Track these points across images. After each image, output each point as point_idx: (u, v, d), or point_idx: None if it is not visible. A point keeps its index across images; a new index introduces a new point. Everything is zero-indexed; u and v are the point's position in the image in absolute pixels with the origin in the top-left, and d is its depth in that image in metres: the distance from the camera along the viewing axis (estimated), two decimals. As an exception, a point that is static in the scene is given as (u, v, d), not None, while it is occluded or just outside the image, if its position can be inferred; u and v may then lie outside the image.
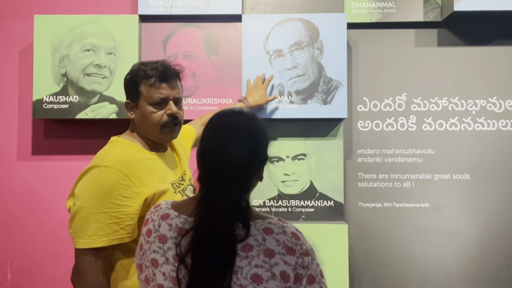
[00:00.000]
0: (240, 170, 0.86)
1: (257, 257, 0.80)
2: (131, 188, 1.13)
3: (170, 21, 2.03)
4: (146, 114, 1.26)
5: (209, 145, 0.89)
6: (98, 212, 1.10)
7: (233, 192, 0.84)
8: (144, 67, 1.26)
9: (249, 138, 0.88)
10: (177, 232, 0.88)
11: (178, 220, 0.90)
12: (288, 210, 2.01)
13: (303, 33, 1.95)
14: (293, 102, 1.94)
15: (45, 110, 1.95)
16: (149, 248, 0.90)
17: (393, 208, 2.05)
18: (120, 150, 1.23)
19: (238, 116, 0.92)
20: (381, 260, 2.04)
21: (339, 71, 1.94)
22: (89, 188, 1.12)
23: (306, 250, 0.83)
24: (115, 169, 1.13)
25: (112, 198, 1.10)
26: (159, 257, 0.88)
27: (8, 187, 2.09)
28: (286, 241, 0.82)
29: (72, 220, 1.13)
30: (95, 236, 1.09)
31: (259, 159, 0.91)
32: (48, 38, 1.96)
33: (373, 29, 2.09)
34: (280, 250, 0.80)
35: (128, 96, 1.31)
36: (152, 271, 0.88)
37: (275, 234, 0.82)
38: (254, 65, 1.94)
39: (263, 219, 0.86)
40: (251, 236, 0.82)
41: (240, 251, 0.81)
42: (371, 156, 2.08)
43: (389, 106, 2.08)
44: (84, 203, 1.11)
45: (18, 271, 2.08)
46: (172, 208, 0.94)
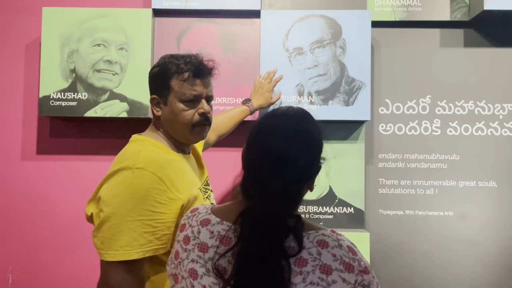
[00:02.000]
0: (293, 181, 0.76)
1: (313, 273, 0.71)
2: (165, 193, 1.02)
3: (184, 16, 1.94)
4: (177, 112, 1.14)
5: (259, 149, 0.79)
6: (132, 220, 0.97)
7: (281, 208, 0.74)
8: (177, 61, 1.15)
9: (305, 144, 0.78)
10: (219, 240, 0.78)
11: (221, 227, 0.80)
12: (306, 216, 1.91)
13: (325, 31, 1.85)
14: (313, 103, 1.84)
15: (52, 107, 1.85)
16: (187, 256, 0.81)
17: (415, 216, 1.95)
18: (151, 151, 1.11)
19: (294, 118, 0.82)
20: (402, 270, 1.93)
21: (362, 71, 1.84)
22: (120, 193, 0.99)
23: (365, 267, 0.75)
24: (150, 172, 1.01)
25: (147, 205, 0.98)
26: (199, 267, 0.78)
27: (11, 188, 1.99)
28: (344, 256, 0.73)
29: (99, 229, 0.99)
30: (129, 247, 0.96)
31: (314, 168, 0.81)
32: (56, 32, 1.86)
33: (396, 27, 2.00)
34: (338, 266, 0.72)
35: (155, 91, 1.19)
36: (190, 282, 0.78)
37: (331, 248, 0.74)
38: (272, 63, 1.84)
39: (316, 230, 0.77)
40: (305, 249, 0.73)
41: (293, 265, 0.71)
42: (392, 161, 1.98)
43: (413, 109, 1.99)
44: (115, 210, 0.98)
45: (19, 275, 1.98)
46: (212, 213, 0.84)
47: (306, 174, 0.79)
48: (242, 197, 0.80)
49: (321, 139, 0.83)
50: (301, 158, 0.77)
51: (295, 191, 0.78)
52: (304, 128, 0.80)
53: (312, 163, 0.80)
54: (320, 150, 0.83)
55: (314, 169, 0.81)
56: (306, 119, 0.83)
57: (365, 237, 1.82)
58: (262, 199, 0.75)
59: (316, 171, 0.82)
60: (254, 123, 0.85)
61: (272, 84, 1.78)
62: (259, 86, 1.78)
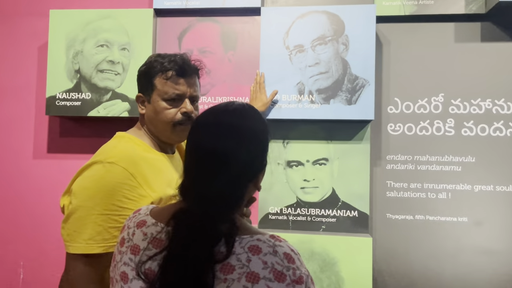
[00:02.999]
0: (228, 181, 0.71)
1: (238, 281, 0.65)
2: (136, 190, 1.00)
3: (186, 15, 1.93)
4: (158, 110, 1.13)
5: (193, 147, 0.76)
6: (98, 214, 0.96)
7: (215, 210, 0.70)
8: (161, 59, 1.15)
9: (240, 141, 0.73)
10: (151, 243, 0.74)
11: (154, 229, 0.76)
12: (307, 219, 1.85)
13: (327, 27, 1.79)
14: (314, 101, 1.78)
15: (58, 107, 1.90)
16: (121, 259, 0.77)
17: (426, 222, 1.84)
18: (127, 147, 1.10)
19: (232, 114, 0.76)
20: (410, 279, 1.82)
21: (366, 68, 1.76)
22: (89, 186, 0.98)
23: (300, 277, 0.67)
24: (121, 167, 1.00)
25: (114, 199, 0.97)
26: (130, 270, 0.74)
27: (23, 185, 2.06)
28: (276, 264, 0.67)
29: (66, 221, 0.99)
30: (92, 241, 0.95)
31: (254, 167, 0.76)
32: (63, 34, 1.91)
33: (407, 22, 1.90)
34: (267, 275, 0.66)
35: (141, 89, 1.19)
36: (121, 286, 0.75)
37: (263, 255, 0.67)
38: (272, 61, 1.80)
39: (251, 235, 0.71)
40: (234, 255, 0.67)
41: (218, 272, 0.66)
42: (402, 163, 1.87)
43: (424, 107, 1.88)
44: (82, 202, 0.97)
45: (30, 270, 2.04)
46: (150, 215, 0.80)
47: (243, 174, 0.74)
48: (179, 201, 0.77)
49: (264, 136, 0.78)
50: (237, 156, 0.72)
51: (231, 192, 0.72)
52: (241, 124, 0.75)
53: (251, 161, 0.75)
54: (262, 148, 0.77)
55: (254, 168, 0.76)
56: (246, 115, 0.77)
57: (368, 242, 1.73)
58: (195, 200, 0.71)
59: (258, 170, 0.77)
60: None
61: (262, 86, 1.76)
62: (253, 91, 1.78)
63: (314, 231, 1.83)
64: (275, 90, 1.76)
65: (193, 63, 1.17)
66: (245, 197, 0.77)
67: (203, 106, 1.88)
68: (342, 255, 1.74)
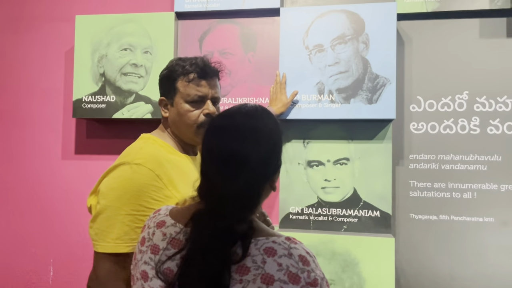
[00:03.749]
0: (244, 183, 0.72)
1: (253, 282, 0.67)
2: (162, 191, 1.03)
3: (206, 18, 1.96)
4: (182, 113, 1.16)
5: (208, 150, 0.77)
6: (125, 214, 0.99)
7: (232, 212, 0.71)
8: (183, 62, 1.17)
9: (255, 143, 0.74)
10: (170, 243, 0.77)
11: (173, 230, 0.79)
12: (328, 219, 1.84)
13: (346, 26, 1.78)
14: (334, 101, 1.77)
15: (84, 109, 1.96)
16: (141, 258, 0.80)
17: (450, 222, 1.81)
18: (152, 148, 1.13)
19: (245, 116, 0.78)
20: (434, 280, 1.79)
21: (387, 66, 1.74)
22: (117, 186, 1.01)
23: (314, 279, 0.68)
24: (147, 168, 1.02)
25: (141, 200, 1.00)
26: (150, 269, 0.77)
27: (52, 186, 2.14)
28: (291, 266, 0.68)
29: (94, 220, 1.03)
30: (119, 240, 0.98)
31: (269, 168, 0.77)
32: (88, 38, 1.97)
33: (429, 19, 1.86)
34: (282, 277, 0.67)
35: (163, 92, 1.22)
36: (142, 284, 0.78)
37: (278, 257, 0.68)
38: (292, 62, 1.80)
39: (267, 237, 0.72)
40: (249, 257, 0.69)
41: (234, 273, 0.68)
42: (425, 162, 1.84)
43: (448, 106, 1.84)
44: (110, 202, 1.00)
45: (60, 268, 2.12)
46: (169, 215, 0.83)
47: (260, 175, 0.75)
48: (198, 203, 0.78)
49: (277, 137, 0.79)
50: (252, 157, 0.73)
51: (248, 193, 0.74)
52: (255, 126, 0.76)
53: (266, 162, 0.76)
54: (276, 148, 0.78)
55: (269, 169, 0.77)
56: (259, 116, 0.78)
57: (390, 243, 1.71)
58: (212, 202, 0.73)
59: (273, 171, 0.79)
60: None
61: (283, 87, 1.77)
62: (273, 92, 1.78)
63: (335, 231, 1.83)
64: (295, 90, 1.76)
65: (213, 65, 1.19)
66: (262, 198, 0.78)
67: (223, 107, 1.90)
68: (364, 255, 1.73)
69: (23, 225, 2.15)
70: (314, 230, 1.85)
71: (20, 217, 2.16)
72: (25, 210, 2.15)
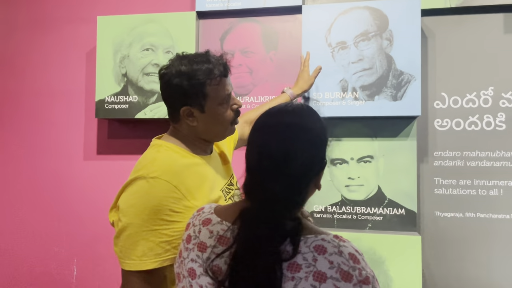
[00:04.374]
0: (292, 180, 0.73)
1: (305, 280, 0.67)
2: (181, 202, 1.00)
3: (227, 17, 1.96)
4: (219, 115, 1.12)
5: (256, 149, 0.77)
6: (148, 230, 0.97)
7: (280, 209, 0.71)
8: (202, 66, 1.08)
9: (304, 141, 0.74)
10: (218, 241, 0.77)
11: (220, 227, 0.79)
12: (353, 217, 1.83)
13: (370, 22, 1.76)
14: (358, 98, 1.76)
15: (107, 110, 1.97)
16: (188, 256, 0.81)
17: (476, 219, 1.79)
18: (167, 157, 1.08)
19: (292, 114, 0.78)
20: (460, 278, 1.77)
21: (411, 63, 1.72)
22: (135, 203, 0.99)
23: (366, 277, 0.68)
24: (164, 181, 1.00)
25: (161, 214, 0.97)
26: (197, 267, 0.78)
27: (75, 186, 2.16)
28: (342, 264, 0.68)
29: (118, 238, 1.01)
30: (145, 257, 0.97)
31: (316, 166, 0.77)
32: (110, 39, 1.98)
33: (452, 15, 1.84)
34: (334, 275, 0.67)
35: (186, 101, 1.09)
36: (189, 282, 0.78)
37: (329, 254, 0.68)
38: (315, 59, 1.79)
39: (316, 235, 0.72)
40: (300, 254, 0.69)
41: (285, 270, 0.68)
42: (450, 159, 1.82)
43: (473, 102, 1.82)
44: (130, 220, 0.98)
45: (83, 267, 2.13)
46: (214, 213, 0.84)
47: (306, 173, 0.75)
48: (244, 199, 0.78)
49: (323, 135, 0.78)
50: (299, 156, 0.73)
51: (295, 191, 0.74)
52: (302, 124, 0.76)
53: (313, 160, 0.75)
54: (322, 147, 0.78)
55: (315, 167, 0.77)
56: (305, 114, 0.78)
57: (417, 241, 1.70)
58: (260, 200, 0.73)
59: (319, 169, 0.78)
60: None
61: (306, 64, 1.71)
62: (299, 76, 1.71)
63: (360, 230, 1.82)
64: (319, 66, 1.71)
65: (226, 60, 1.14)
66: (307, 196, 0.78)
67: (246, 106, 1.90)
68: (390, 253, 1.71)
69: (46, 225, 2.17)
70: (338, 228, 1.84)
71: (44, 217, 2.18)
72: (48, 210, 2.17)
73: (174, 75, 1.09)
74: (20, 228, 2.20)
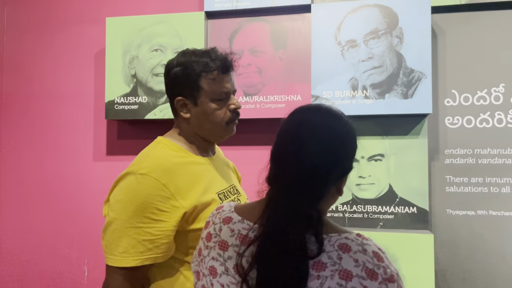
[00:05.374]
0: (316, 177, 0.73)
1: (331, 278, 0.67)
2: (169, 201, 0.98)
3: (236, 16, 1.95)
4: (209, 112, 1.10)
5: (285, 144, 0.77)
6: (131, 227, 0.95)
7: (304, 199, 0.71)
8: (201, 58, 1.09)
9: (332, 142, 0.75)
10: (239, 240, 0.77)
11: (241, 226, 0.79)
12: (364, 216, 1.83)
13: (379, 20, 1.76)
14: (369, 97, 1.76)
15: (116, 111, 1.97)
16: (208, 254, 0.81)
17: (488, 217, 1.78)
18: (160, 154, 1.07)
19: (324, 115, 0.78)
20: (473, 276, 1.77)
21: (422, 60, 1.72)
22: (122, 198, 0.98)
23: (391, 275, 0.68)
24: (152, 178, 0.98)
25: (147, 212, 0.96)
26: (218, 265, 0.78)
27: (85, 187, 2.16)
28: (367, 262, 0.68)
29: (104, 232, 1.00)
30: (126, 254, 0.95)
31: (341, 169, 0.77)
32: (119, 40, 1.98)
33: (463, 12, 1.83)
34: (359, 273, 0.67)
35: (180, 92, 1.10)
36: (210, 280, 0.79)
37: (353, 253, 0.68)
38: (324, 58, 1.79)
39: (339, 233, 0.72)
40: (325, 253, 0.69)
41: (310, 269, 0.68)
42: (461, 157, 1.81)
43: (484, 99, 1.81)
44: (117, 215, 0.97)
45: (94, 267, 2.14)
46: (235, 212, 0.84)
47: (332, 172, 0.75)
48: (267, 194, 0.78)
49: (353, 139, 0.79)
50: (328, 155, 0.73)
51: (320, 186, 0.73)
52: (334, 125, 0.77)
53: (340, 162, 0.76)
54: (351, 151, 0.78)
55: (341, 169, 0.77)
56: (339, 116, 0.79)
57: (429, 239, 1.69)
58: (286, 190, 0.72)
59: (344, 173, 0.78)
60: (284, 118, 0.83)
61: None
62: None
63: (371, 228, 1.81)
64: None
65: (230, 57, 1.13)
66: (328, 198, 0.77)
67: (255, 105, 1.90)
68: (403, 252, 1.71)
69: (56, 226, 2.18)
70: (350, 227, 1.83)
71: (54, 218, 2.19)
72: (59, 211, 2.18)
73: (174, 65, 1.11)
74: (31, 229, 2.21)
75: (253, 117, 1.90)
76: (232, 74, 1.15)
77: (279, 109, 1.87)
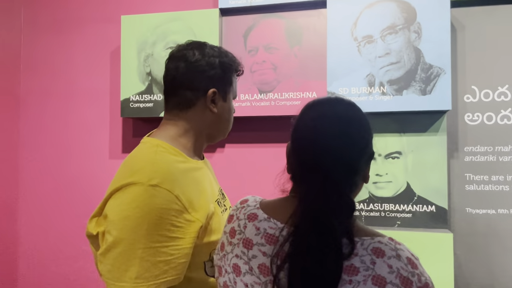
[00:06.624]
0: (349, 166, 0.73)
1: (364, 283, 0.64)
2: (182, 215, 0.87)
3: (250, 13, 1.94)
4: (231, 110, 1.09)
5: (308, 138, 0.75)
6: (144, 248, 0.82)
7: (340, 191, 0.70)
8: (228, 56, 1.06)
9: (354, 131, 0.75)
10: (265, 239, 0.74)
11: (267, 225, 0.76)
12: (381, 215, 1.80)
13: (397, 15, 1.72)
14: (386, 93, 1.72)
15: (132, 109, 1.98)
16: (232, 251, 0.79)
17: (510, 216, 1.73)
18: (166, 161, 0.93)
19: (340, 106, 0.79)
20: (493, 276, 1.72)
21: (441, 56, 1.68)
22: (131, 215, 0.83)
23: (426, 283, 0.65)
24: (165, 190, 0.85)
25: (162, 229, 0.83)
26: (242, 264, 0.76)
27: (101, 185, 2.18)
28: (401, 269, 0.65)
29: (105, 255, 0.84)
30: (140, 280, 0.81)
31: (368, 153, 0.77)
32: (134, 38, 1.99)
33: (483, 6, 1.78)
34: (393, 280, 0.64)
35: (214, 83, 1.01)
36: (234, 278, 0.76)
37: (387, 258, 0.66)
38: (340, 54, 1.76)
39: (372, 237, 0.70)
40: (357, 256, 0.66)
41: (342, 273, 0.65)
42: (482, 154, 1.77)
43: (505, 95, 1.76)
44: (124, 235, 0.82)
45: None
46: (260, 208, 0.81)
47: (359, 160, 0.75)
48: (291, 191, 0.78)
49: (369, 125, 0.80)
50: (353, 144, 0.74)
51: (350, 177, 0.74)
52: (352, 115, 0.77)
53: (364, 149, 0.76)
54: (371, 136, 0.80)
55: (366, 156, 0.77)
56: (353, 105, 0.80)
57: (448, 238, 1.65)
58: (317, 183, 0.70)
59: (369, 159, 0.79)
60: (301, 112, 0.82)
61: None
62: None
63: (389, 227, 1.78)
64: None
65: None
66: (357, 190, 0.78)
67: (270, 102, 1.88)
68: (421, 251, 1.67)
69: (73, 224, 2.20)
70: (366, 225, 1.80)
71: (71, 216, 2.21)
72: (75, 209, 2.20)
73: (205, 54, 1.02)
74: (48, 228, 2.24)
75: (268, 115, 1.88)
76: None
77: (294, 106, 1.85)
